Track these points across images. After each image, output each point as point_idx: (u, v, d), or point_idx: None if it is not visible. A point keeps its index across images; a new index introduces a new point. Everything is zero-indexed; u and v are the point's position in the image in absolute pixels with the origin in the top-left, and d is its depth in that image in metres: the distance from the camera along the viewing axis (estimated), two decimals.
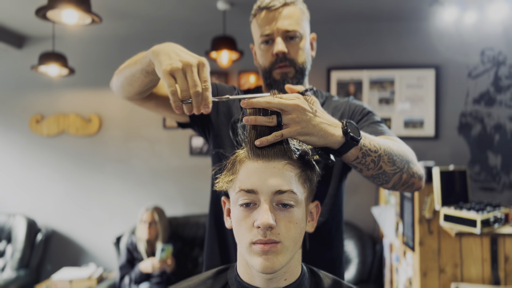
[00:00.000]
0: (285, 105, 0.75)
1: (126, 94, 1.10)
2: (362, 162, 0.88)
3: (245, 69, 3.39)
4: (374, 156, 0.88)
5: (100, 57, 3.59)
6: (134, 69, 0.99)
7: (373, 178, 0.94)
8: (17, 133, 3.66)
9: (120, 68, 1.09)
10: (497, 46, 3.12)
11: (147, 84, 1.02)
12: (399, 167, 0.94)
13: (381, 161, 0.90)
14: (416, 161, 1.02)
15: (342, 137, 0.81)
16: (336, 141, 0.81)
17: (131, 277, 2.82)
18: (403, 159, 0.95)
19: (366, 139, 0.87)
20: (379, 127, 1.09)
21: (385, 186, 0.98)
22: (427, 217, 1.87)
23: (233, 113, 1.19)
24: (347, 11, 3.05)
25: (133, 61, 1.01)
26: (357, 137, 0.82)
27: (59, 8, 1.80)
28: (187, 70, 0.82)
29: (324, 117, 0.81)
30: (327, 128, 0.80)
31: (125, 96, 1.11)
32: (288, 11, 1.11)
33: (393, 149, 0.93)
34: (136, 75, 0.99)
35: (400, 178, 0.96)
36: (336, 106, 1.19)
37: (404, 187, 1.00)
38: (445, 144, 3.17)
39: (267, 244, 0.73)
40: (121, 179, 3.54)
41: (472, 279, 1.82)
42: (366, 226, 3.22)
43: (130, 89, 1.05)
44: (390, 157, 0.91)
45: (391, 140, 1.00)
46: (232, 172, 0.80)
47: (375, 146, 0.88)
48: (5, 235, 3.35)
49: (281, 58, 1.12)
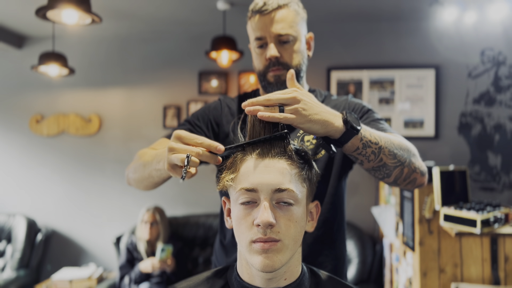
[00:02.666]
0: (284, 98, 0.79)
1: (148, 189, 1.17)
2: (362, 153, 0.90)
3: (245, 69, 3.39)
4: (375, 148, 0.90)
5: (100, 57, 3.59)
6: (153, 174, 1.04)
7: (374, 171, 0.96)
8: (17, 133, 3.66)
9: (131, 171, 1.16)
10: (497, 46, 3.12)
11: (164, 181, 1.08)
12: (400, 161, 0.95)
13: (381, 153, 0.91)
14: (419, 156, 1.03)
15: (343, 126, 0.84)
16: (336, 129, 0.84)
17: (131, 277, 2.82)
18: (405, 153, 0.96)
19: (367, 131, 0.89)
20: (380, 125, 1.10)
21: (387, 180, 0.99)
22: (427, 217, 1.87)
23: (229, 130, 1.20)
24: (347, 11, 3.05)
25: (146, 165, 1.06)
26: (357, 126, 0.85)
27: (59, 8, 1.80)
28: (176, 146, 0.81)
29: (324, 107, 0.85)
30: (328, 116, 0.83)
31: (147, 190, 1.19)
32: (281, 14, 1.11)
33: (394, 142, 0.95)
34: (155, 178, 1.06)
35: (402, 172, 0.97)
36: (335, 105, 1.19)
37: (406, 182, 1.00)
38: (445, 144, 3.17)
39: (267, 242, 0.74)
40: (121, 179, 3.53)
41: (472, 279, 1.82)
42: (366, 226, 3.22)
43: (153, 186, 1.13)
44: (390, 149, 0.93)
45: (392, 135, 1.01)
46: (233, 171, 0.80)
47: (375, 138, 0.91)
48: (5, 235, 3.35)
49: (274, 62, 1.12)
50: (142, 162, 1.07)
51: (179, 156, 0.77)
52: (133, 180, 1.15)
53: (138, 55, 3.55)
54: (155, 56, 3.53)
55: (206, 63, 3.41)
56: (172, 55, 3.51)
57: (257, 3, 1.13)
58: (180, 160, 0.77)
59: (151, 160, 1.02)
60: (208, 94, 3.44)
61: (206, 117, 1.22)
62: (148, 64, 3.54)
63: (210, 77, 3.44)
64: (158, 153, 1.00)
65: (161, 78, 3.53)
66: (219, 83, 3.42)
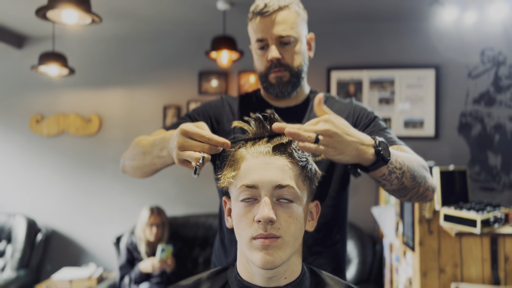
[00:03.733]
0: (317, 131, 0.77)
1: (144, 177, 1.16)
2: (387, 178, 0.91)
3: (245, 69, 3.39)
4: (399, 173, 0.92)
5: (100, 57, 3.59)
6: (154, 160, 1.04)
7: (393, 192, 0.98)
8: (17, 133, 3.66)
9: (128, 158, 1.14)
10: (497, 46, 3.12)
11: (166, 167, 1.07)
12: (418, 182, 0.98)
13: (403, 178, 0.93)
14: (429, 174, 1.05)
15: (374, 156, 0.84)
16: (368, 159, 0.84)
17: (131, 277, 2.82)
18: (422, 174, 0.99)
19: (393, 157, 0.90)
20: (388, 135, 1.12)
21: (402, 198, 1.02)
22: (427, 217, 1.87)
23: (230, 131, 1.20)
24: (347, 11, 3.05)
25: (146, 152, 1.06)
26: (387, 157, 0.85)
27: (59, 8, 1.80)
28: (186, 140, 0.84)
29: (356, 135, 0.82)
30: (360, 147, 0.82)
31: (144, 178, 1.18)
32: (282, 16, 1.10)
33: (414, 165, 0.97)
34: (157, 165, 1.05)
35: (417, 192, 0.99)
36: (339, 109, 1.19)
37: (418, 199, 1.03)
38: (445, 144, 3.17)
39: (267, 238, 0.74)
40: (121, 179, 3.54)
41: (472, 279, 1.82)
42: (366, 226, 3.22)
43: (151, 173, 1.12)
44: (412, 173, 0.95)
45: (406, 153, 1.03)
46: (234, 168, 0.81)
47: (399, 163, 0.92)
48: (5, 235, 3.35)
49: (275, 63, 1.13)
50: (141, 150, 1.07)
51: (193, 155, 0.81)
52: (130, 167, 1.14)
53: (138, 55, 3.56)
54: (155, 56, 3.53)
55: (206, 63, 3.41)
56: (172, 55, 3.51)
57: (258, 4, 1.13)
58: (195, 159, 0.80)
59: (150, 148, 1.02)
60: (208, 94, 3.44)
61: (206, 114, 1.22)
62: (148, 64, 3.54)
63: (210, 77, 3.44)
64: (157, 141, 0.99)
65: (161, 78, 3.53)
66: (219, 83, 3.42)
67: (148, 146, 1.04)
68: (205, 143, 0.82)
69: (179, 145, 0.83)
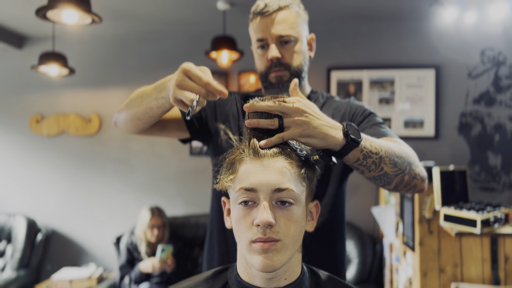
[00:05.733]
0: (286, 108, 0.78)
1: (135, 129, 1.14)
2: (363, 164, 0.89)
3: (245, 69, 3.39)
4: (375, 158, 0.89)
5: (100, 57, 3.59)
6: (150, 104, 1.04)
7: (375, 179, 0.95)
8: (17, 133, 3.66)
9: (124, 107, 1.13)
10: (497, 46, 3.12)
11: (160, 115, 1.06)
12: (401, 169, 0.95)
13: (382, 163, 0.91)
14: (419, 162, 1.03)
15: (343, 139, 0.83)
16: (337, 143, 0.82)
17: (131, 277, 2.82)
18: (405, 160, 0.96)
19: (367, 141, 0.88)
20: (381, 129, 1.10)
21: (387, 187, 0.99)
22: (427, 217, 1.87)
23: (230, 119, 1.20)
24: (347, 11, 3.05)
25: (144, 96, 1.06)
26: (358, 139, 0.83)
27: (59, 8, 1.80)
28: (185, 79, 0.86)
29: (325, 119, 0.83)
30: (328, 130, 0.81)
31: (134, 131, 1.15)
32: (282, 15, 1.11)
33: (395, 150, 0.94)
34: (153, 110, 1.04)
35: (402, 180, 0.97)
36: (337, 107, 1.19)
37: (406, 189, 1.00)
38: (445, 144, 3.17)
39: (266, 242, 0.74)
40: (121, 179, 3.54)
41: (472, 279, 1.82)
42: (366, 226, 3.22)
43: (143, 124, 1.10)
44: (391, 158, 0.92)
45: (393, 142, 1.01)
46: (232, 171, 0.80)
47: (376, 148, 0.89)
48: (5, 235, 3.35)
49: (275, 63, 1.13)
50: (139, 94, 1.08)
51: (188, 95, 0.82)
52: (123, 116, 1.13)
53: (138, 55, 3.55)
54: (155, 56, 3.53)
55: (206, 63, 3.39)
56: (172, 55, 3.51)
57: (258, 5, 1.13)
58: (189, 100, 0.81)
59: (150, 91, 1.03)
60: None
61: (211, 102, 1.24)
62: (148, 64, 3.54)
63: None
64: (158, 83, 1.01)
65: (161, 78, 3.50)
66: (219, 83, 3.42)
67: (148, 89, 1.05)
68: (202, 87, 0.83)
69: (177, 82, 0.84)
